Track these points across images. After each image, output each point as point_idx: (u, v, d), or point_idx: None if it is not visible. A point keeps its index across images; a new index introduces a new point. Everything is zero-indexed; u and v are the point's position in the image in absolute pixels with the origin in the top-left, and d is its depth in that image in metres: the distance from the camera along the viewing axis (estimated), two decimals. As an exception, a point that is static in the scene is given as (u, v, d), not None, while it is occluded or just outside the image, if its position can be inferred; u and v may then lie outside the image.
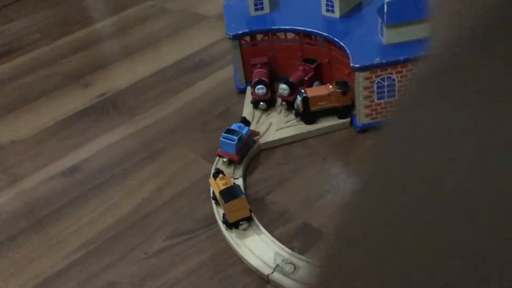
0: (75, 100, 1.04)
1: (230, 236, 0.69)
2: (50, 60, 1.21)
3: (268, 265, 0.64)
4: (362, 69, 0.76)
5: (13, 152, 0.93)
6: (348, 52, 0.79)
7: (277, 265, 0.63)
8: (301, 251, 0.66)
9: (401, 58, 0.76)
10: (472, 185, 0.14)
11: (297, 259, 0.64)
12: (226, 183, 0.70)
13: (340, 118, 0.84)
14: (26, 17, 1.45)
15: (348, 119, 0.84)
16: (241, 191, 0.69)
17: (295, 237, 0.69)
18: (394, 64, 0.76)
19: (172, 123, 0.94)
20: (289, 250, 0.65)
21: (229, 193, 0.68)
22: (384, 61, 0.76)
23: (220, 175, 0.71)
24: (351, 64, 0.77)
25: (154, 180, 0.82)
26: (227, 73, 1.04)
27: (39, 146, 0.94)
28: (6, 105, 1.07)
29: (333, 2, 0.87)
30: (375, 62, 0.76)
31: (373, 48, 0.79)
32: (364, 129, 0.83)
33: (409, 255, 0.15)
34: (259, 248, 0.66)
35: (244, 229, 0.69)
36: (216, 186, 0.71)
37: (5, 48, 1.30)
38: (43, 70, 1.17)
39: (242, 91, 0.96)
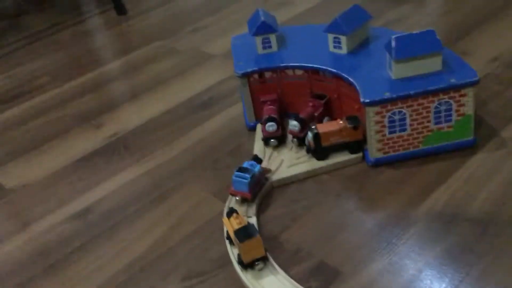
0: (86, 142, 1.05)
1: (246, 277, 0.67)
2: (60, 103, 1.22)
3: (285, 306, 0.63)
4: (373, 104, 0.77)
5: (25, 195, 0.93)
6: (358, 87, 0.80)
7: (295, 306, 0.62)
8: (319, 291, 0.65)
9: (411, 92, 0.76)
10: None
11: (315, 300, 0.63)
12: (240, 223, 0.69)
13: (352, 153, 0.84)
14: (35, 60, 1.47)
15: (360, 154, 0.84)
16: (256, 230, 0.68)
17: (312, 277, 0.67)
18: (404, 98, 0.76)
19: (182, 162, 0.94)
20: (306, 290, 0.64)
21: (244, 233, 0.67)
22: (394, 95, 0.76)
23: (234, 214, 0.71)
24: (362, 99, 0.77)
25: (166, 220, 0.81)
26: (237, 111, 1.05)
27: (50, 189, 0.93)
28: (17, 149, 1.07)
29: (340, 39, 0.88)
30: (385, 97, 0.76)
31: (383, 83, 0.79)
32: (377, 164, 0.82)
33: None
34: (276, 289, 0.65)
35: (260, 269, 0.68)
36: (230, 225, 0.70)
37: (15, 92, 1.31)
38: (53, 113, 1.18)
39: (252, 129, 0.96)
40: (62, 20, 1.75)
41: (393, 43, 0.77)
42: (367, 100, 0.77)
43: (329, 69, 0.87)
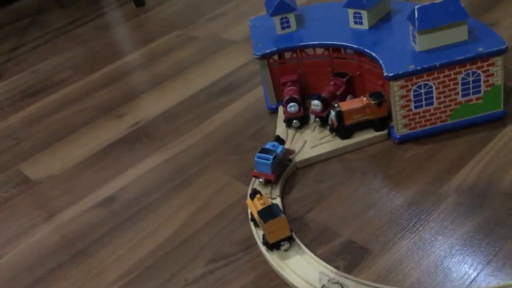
0: (109, 132, 1.05)
1: (272, 258, 0.66)
2: (83, 95, 1.23)
3: (313, 286, 0.61)
4: (397, 77, 0.74)
5: (50, 186, 0.94)
6: (381, 62, 0.77)
7: (323, 286, 0.61)
8: (347, 270, 0.63)
9: (437, 63, 0.73)
10: None
11: (343, 278, 0.61)
12: (264, 203, 0.68)
13: (376, 130, 0.82)
14: (58, 55, 1.49)
15: (386, 131, 0.82)
16: (280, 210, 0.67)
17: (340, 256, 0.66)
18: (429, 70, 0.74)
19: (204, 147, 0.93)
20: (334, 269, 0.62)
21: (268, 213, 0.66)
22: (419, 67, 0.73)
23: (258, 195, 0.70)
24: (385, 74, 0.75)
25: (190, 205, 0.80)
26: (257, 94, 1.04)
27: (75, 179, 0.94)
28: (42, 141, 1.08)
29: (361, 14, 0.86)
30: (410, 70, 0.74)
31: (406, 56, 0.77)
32: (403, 140, 0.80)
33: None
34: (303, 269, 0.64)
35: (286, 250, 0.66)
36: (254, 206, 0.69)
37: (39, 86, 1.33)
38: (76, 105, 1.19)
39: (274, 111, 0.95)
40: (82, 15, 1.77)
41: (416, 14, 0.74)
42: (391, 74, 0.74)
43: (350, 45, 0.84)
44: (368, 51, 0.81)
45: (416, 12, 0.74)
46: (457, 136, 0.79)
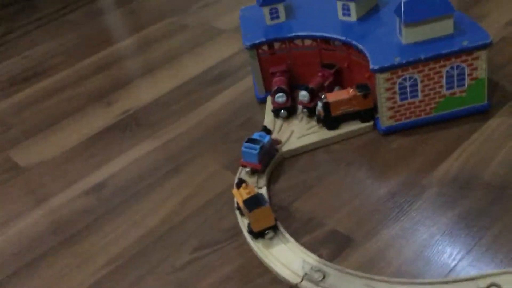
0: (99, 119, 1.06)
1: (257, 246, 0.68)
2: (74, 82, 1.23)
3: (296, 274, 0.63)
4: (382, 70, 0.75)
5: (40, 172, 0.94)
6: (367, 54, 0.78)
7: (306, 274, 0.62)
8: (330, 258, 0.65)
9: (422, 56, 0.74)
10: None
11: (326, 267, 0.63)
12: (250, 192, 0.69)
13: (362, 122, 0.83)
14: (49, 41, 1.48)
15: (371, 123, 0.83)
16: (265, 199, 0.68)
17: (323, 244, 0.67)
18: (415, 63, 0.75)
19: (194, 136, 0.94)
20: (317, 258, 0.64)
21: (253, 202, 0.67)
22: (404, 60, 0.74)
23: (243, 185, 0.71)
24: (371, 66, 0.76)
25: (178, 194, 0.81)
26: (247, 84, 1.04)
27: (65, 165, 0.95)
28: (32, 127, 1.08)
29: (349, 6, 0.86)
30: (395, 63, 0.75)
31: (393, 49, 0.78)
32: (388, 132, 0.81)
33: None
34: (287, 257, 0.65)
35: (270, 238, 0.68)
36: (240, 196, 0.70)
37: (30, 72, 1.33)
38: (67, 92, 1.19)
39: (263, 101, 0.95)
40: (75, 0, 1.76)
41: (403, 7, 0.75)
42: (377, 67, 0.75)
43: (338, 37, 0.85)
44: (355, 43, 0.82)
45: (402, 5, 0.75)
46: (441, 128, 0.80)
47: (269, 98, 0.93)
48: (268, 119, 0.90)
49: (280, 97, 0.87)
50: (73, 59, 1.34)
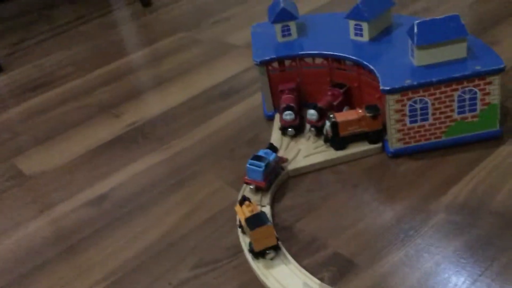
0: (106, 130, 1.05)
1: (257, 266, 0.66)
2: (83, 92, 1.23)
3: (296, 297, 0.61)
4: (393, 91, 0.74)
5: (44, 181, 0.94)
6: (378, 74, 0.77)
7: (306, 297, 0.60)
8: (332, 282, 0.63)
9: (434, 79, 0.73)
10: None
11: (326, 291, 0.61)
12: (253, 210, 0.68)
13: (371, 143, 0.82)
14: (61, 50, 1.50)
15: (380, 144, 0.81)
16: (267, 218, 0.66)
17: (325, 267, 0.65)
18: (426, 86, 0.73)
19: (200, 150, 0.93)
20: (318, 281, 0.62)
21: (255, 221, 0.66)
22: (415, 83, 0.73)
23: (246, 202, 0.69)
24: (381, 87, 0.74)
25: (180, 208, 0.80)
26: (256, 100, 1.04)
27: (69, 175, 0.94)
28: (39, 136, 1.08)
29: (361, 26, 0.86)
30: (406, 84, 0.73)
31: (404, 71, 0.77)
32: (397, 154, 0.80)
33: None
34: (287, 279, 0.63)
35: (271, 259, 0.66)
36: (242, 213, 0.69)
37: (40, 81, 1.33)
38: (75, 102, 1.19)
39: (271, 118, 0.94)
40: (90, 12, 1.77)
41: (416, 28, 0.74)
42: (387, 88, 0.74)
43: (349, 56, 0.84)
44: (366, 64, 0.81)
45: (415, 27, 0.74)
46: (451, 153, 0.78)
47: (277, 116, 0.92)
48: (275, 136, 0.89)
49: (288, 115, 0.86)
50: (84, 69, 1.34)
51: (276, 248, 0.66)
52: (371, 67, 0.80)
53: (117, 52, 1.41)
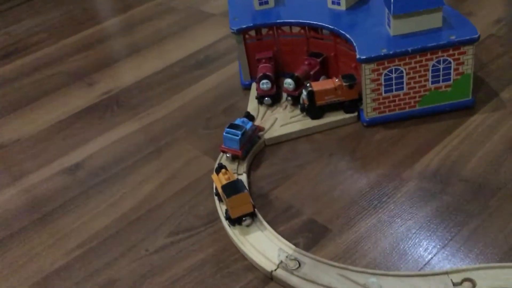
0: (79, 99, 1.04)
1: (233, 233, 0.67)
2: (56, 60, 1.20)
3: (271, 262, 0.62)
4: (369, 60, 0.74)
5: (17, 150, 0.92)
6: (355, 44, 0.77)
7: (281, 262, 0.61)
8: (306, 248, 0.64)
9: (409, 49, 0.73)
10: None
11: (301, 255, 0.62)
12: (229, 178, 0.68)
13: (346, 112, 0.82)
14: (34, 17, 1.45)
15: (355, 114, 0.82)
16: (244, 186, 0.67)
17: (300, 233, 0.67)
18: (401, 55, 0.74)
19: (176, 120, 0.92)
20: (293, 246, 0.63)
21: (232, 188, 0.66)
22: (391, 52, 0.74)
23: (223, 170, 0.70)
24: (357, 56, 0.75)
25: (156, 177, 0.80)
26: (232, 69, 1.03)
27: (42, 144, 0.93)
28: (11, 104, 1.06)
29: (339, -6, 0.85)
30: (382, 54, 0.74)
31: (380, 40, 0.77)
32: (372, 124, 0.81)
33: None
34: (263, 245, 0.64)
35: (247, 225, 0.67)
36: (219, 181, 0.69)
37: (12, 48, 1.30)
38: (48, 70, 1.17)
39: (247, 87, 0.94)
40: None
41: (392, -2, 0.74)
42: (363, 57, 0.74)
43: (326, 25, 0.84)
44: (343, 33, 0.81)
45: (392, -4, 0.74)
46: (424, 122, 0.80)
47: (254, 85, 0.92)
48: (252, 106, 0.88)
49: (265, 84, 0.86)
50: (56, 36, 1.31)
51: (252, 215, 0.67)
52: (348, 36, 0.80)
53: (90, 19, 1.38)
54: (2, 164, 0.90)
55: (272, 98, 0.87)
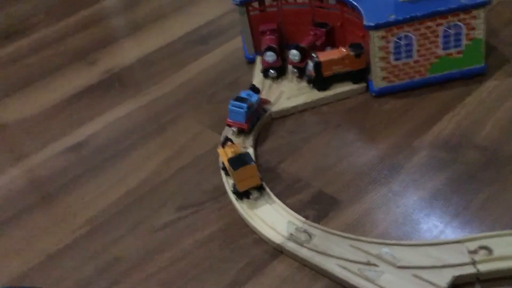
0: (81, 78, 1.02)
1: (241, 207, 0.65)
2: (56, 40, 1.18)
3: (281, 235, 0.61)
4: (377, 27, 0.72)
5: (19, 130, 0.91)
6: (362, 11, 0.75)
7: (291, 234, 0.60)
8: (316, 220, 0.63)
9: (419, 14, 0.71)
10: None
11: (311, 227, 0.60)
12: (235, 151, 0.67)
13: (354, 83, 0.80)
14: (32, -2, 1.43)
15: (364, 84, 0.80)
16: (251, 158, 0.65)
17: (309, 206, 0.65)
18: (410, 21, 0.71)
19: (179, 96, 0.90)
20: (302, 219, 0.62)
21: (238, 161, 0.64)
22: (400, 18, 0.71)
23: (229, 143, 0.68)
24: (365, 23, 0.72)
25: (161, 153, 0.79)
26: (236, 44, 1.00)
27: (44, 123, 0.91)
28: (12, 85, 1.04)
29: (344, -39, 0.82)
30: (390, 20, 0.71)
31: (388, 6, 0.74)
32: (381, 94, 0.78)
33: None
34: (272, 218, 0.63)
35: (255, 199, 0.65)
36: (225, 154, 0.67)
37: (10, 30, 1.28)
38: (48, 50, 1.14)
39: (252, 61, 0.92)
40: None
41: (400, -39, 0.72)
42: (371, 24, 0.72)
43: (332, -7, 0.82)
44: (351, 0, 0.78)
45: (400, -41, 0.72)
46: (435, 90, 0.77)
47: (258, 58, 0.90)
48: (257, 79, 0.86)
49: (270, 56, 0.84)
50: (56, 17, 1.28)
51: (260, 189, 0.65)
52: (355, 3, 0.77)
53: (90, -1, 1.35)
54: (4, 145, 0.89)
55: (277, 71, 0.85)
